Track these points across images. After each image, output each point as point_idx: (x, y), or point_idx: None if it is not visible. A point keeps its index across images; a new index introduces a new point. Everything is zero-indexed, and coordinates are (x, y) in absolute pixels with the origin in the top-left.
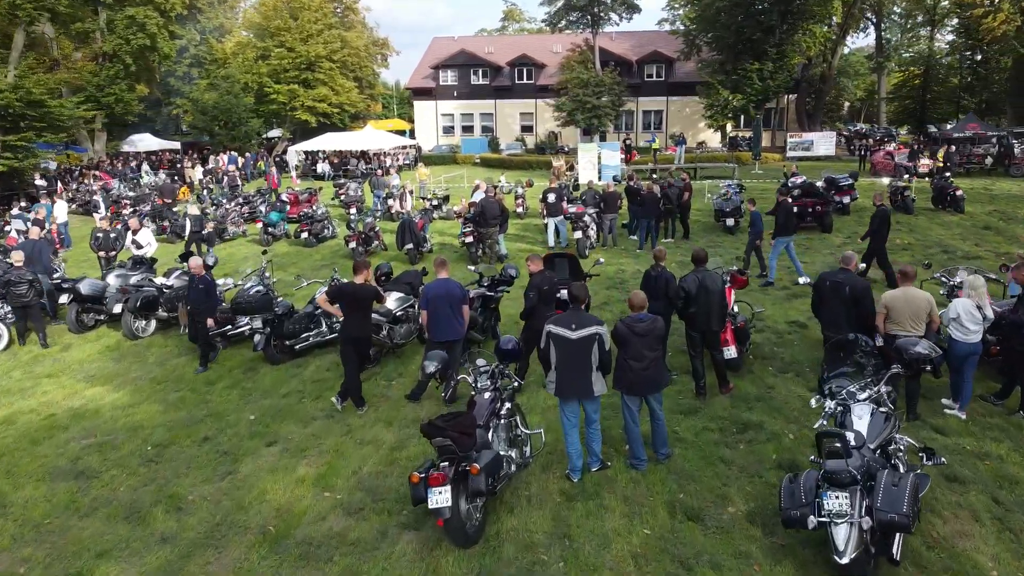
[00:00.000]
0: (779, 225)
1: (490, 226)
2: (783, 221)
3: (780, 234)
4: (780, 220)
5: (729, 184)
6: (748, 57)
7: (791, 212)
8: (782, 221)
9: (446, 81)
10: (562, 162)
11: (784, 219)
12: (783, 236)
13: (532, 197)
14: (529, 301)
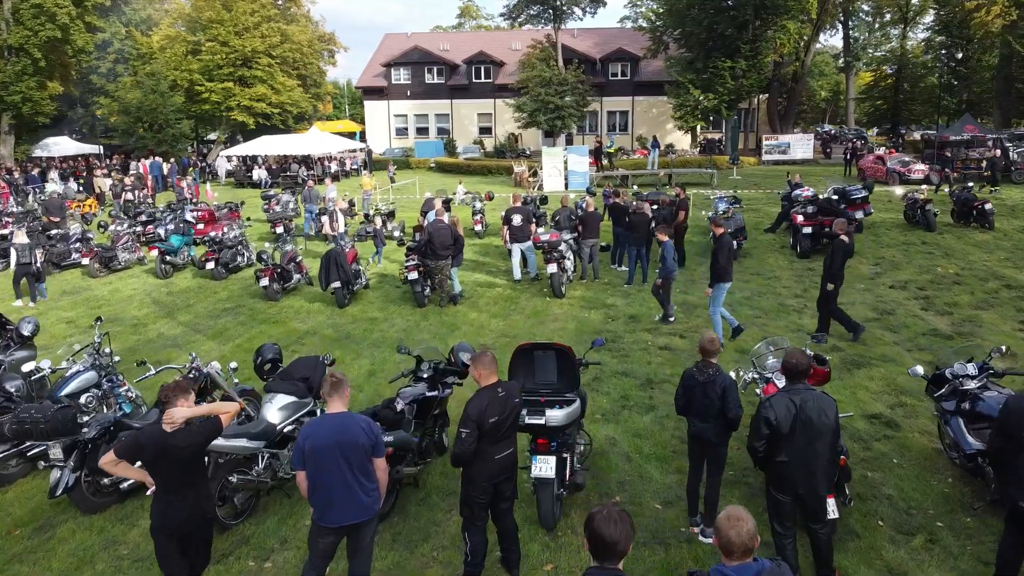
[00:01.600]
0: (718, 267)
1: (440, 257)
2: (724, 262)
3: (720, 278)
4: (721, 261)
5: (722, 198)
6: (720, 54)
7: (732, 249)
8: (723, 262)
9: (399, 80)
10: (524, 168)
11: (726, 260)
12: (723, 281)
13: (493, 211)
14: (463, 444)
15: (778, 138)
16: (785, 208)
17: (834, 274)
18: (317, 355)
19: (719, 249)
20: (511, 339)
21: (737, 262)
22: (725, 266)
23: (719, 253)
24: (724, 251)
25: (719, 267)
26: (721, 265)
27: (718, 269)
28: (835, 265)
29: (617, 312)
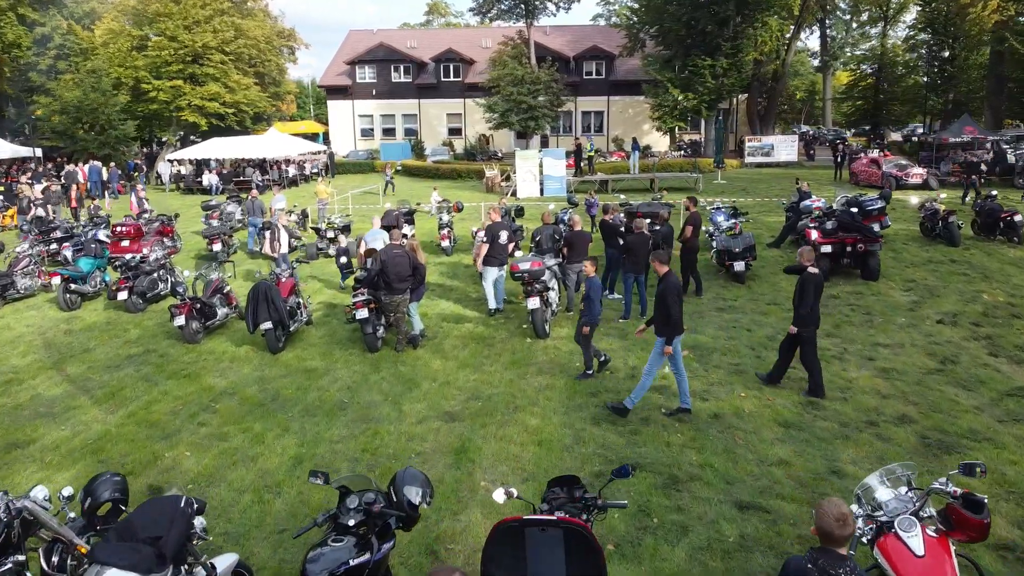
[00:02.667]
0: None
1: (395, 292)
2: (677, 313)
3: (674, 331)
4: (673, 311)
5: (719, 209)
6: (700, 52)
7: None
8: (676, 313)
9: (364, 78)
10: (496, 172)
11: (679, 309)
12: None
13: (463, 221)
14: None
15: (761, 139)
16: (791, 220)
17: (804, 316)
18: (177, 495)
19: (667, 294)
20: (484, 402)
21: (746, 287)
22: (679, 318)
23: (668, 299)
24: (673, 296)
25: (672, 319)
26: (674, 318)
27: (671, 321)
28: (805, 303)
29: (615, 359)
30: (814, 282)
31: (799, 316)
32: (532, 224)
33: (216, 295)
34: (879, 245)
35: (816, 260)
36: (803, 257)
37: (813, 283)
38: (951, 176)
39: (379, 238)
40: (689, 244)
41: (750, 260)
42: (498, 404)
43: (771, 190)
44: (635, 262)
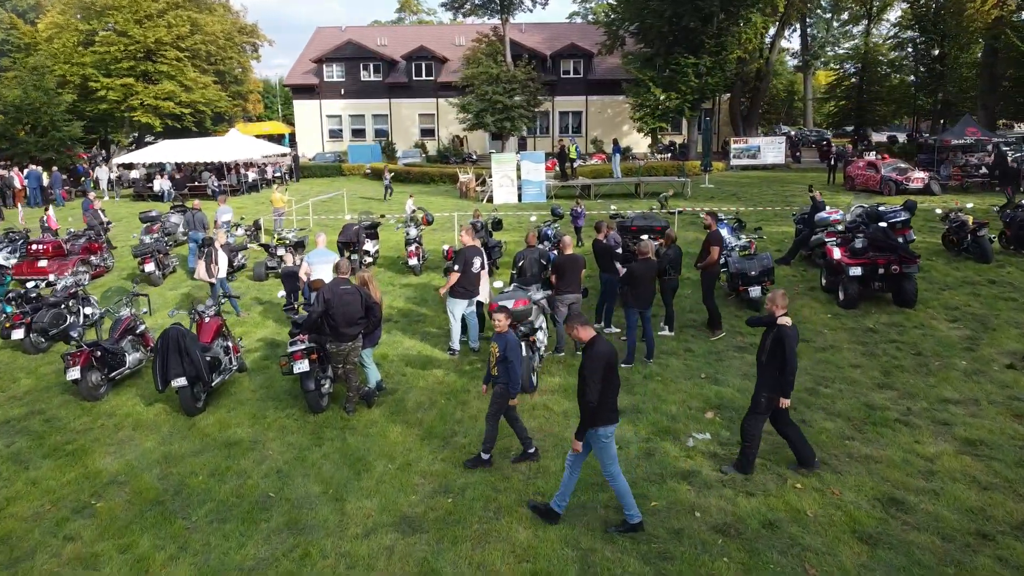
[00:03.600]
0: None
1: (344, 338)
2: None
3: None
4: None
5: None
6: (682, 50)
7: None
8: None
9: (331, 77)
10: (471, 176)
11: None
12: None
13: (433, 232)
14: None
15: (747, 141)
16: (803, 233)
17: (789, 381)
18: None
19: (589, 366)
20: (455, 499)
21: None
22: (608, 401)
23: (588, 377)
24: (596, 374)
25: (598, 405)
26: (603, 405)
27: (595, 408)
28: (790, 367)
29: (622, 422)
30: (794, 338)
31: (783, 382)
32: (510, 237)
33: (126, 337)
34: (916, 266)
35: (843, 285)
36: (775, 304)
37: (794, 340)
38: (952, 180)
39: (325, 261)
40: (711, 270)
41: (767, 284)
42: (474, 503)
43: (763, 195)
44: (640, 294)
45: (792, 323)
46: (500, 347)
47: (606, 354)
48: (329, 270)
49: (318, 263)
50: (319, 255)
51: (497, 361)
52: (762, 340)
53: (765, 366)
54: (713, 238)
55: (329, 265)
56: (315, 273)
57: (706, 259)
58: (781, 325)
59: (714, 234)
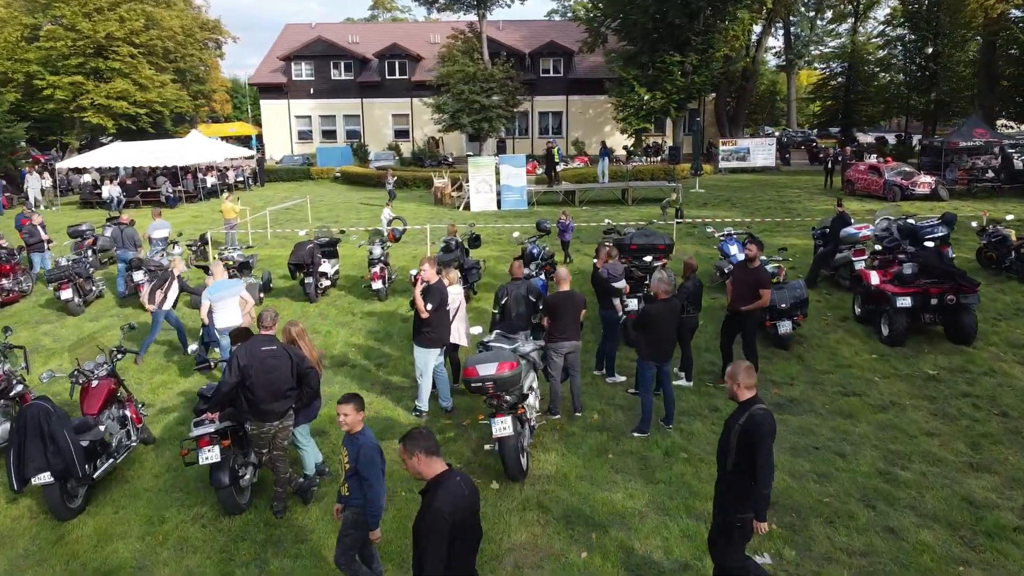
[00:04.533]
0: None
1: (268, 417)
2: None
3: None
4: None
5: (731, 237)
6: (667, 48)
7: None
8: None
9: (300, 75)
10: (446, 180)
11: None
12: None
13: (405, 246)
14: None
15: (736, 142)
16: (824, 250)
17: (764, 496)
18: None
19: (428, 530)
20: None
21: (796, 358)
22: None
23: (426, 548)
24: (437, 546)
25: None
26: None
27: None
28: (763, 479)
29: (643, 529)
30: (771, 432)
31: (757, 498)
32: (490, 252)
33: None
34: (976, 296)
35: (889, 318)
36: (738, 383)
37: (770, 434)
38: (957, 184)
39: (228, 295)
40: (753, 314)
41: (800, 319)
42: None
43: (759, 201)
44: (657, 344)
45: (767, 409)
46: (351, 455)
47: (455, 511)
48: (235, 305)
49: (220, 299)
50: (221, 288)
51: (347, 476)
52: (723, 436)
53: (731, 475)
54: (762, 278)
55: (235, 299)
56: (219, 312)
57: (755, 302)
58: (753, 408)
59: (763, 273)
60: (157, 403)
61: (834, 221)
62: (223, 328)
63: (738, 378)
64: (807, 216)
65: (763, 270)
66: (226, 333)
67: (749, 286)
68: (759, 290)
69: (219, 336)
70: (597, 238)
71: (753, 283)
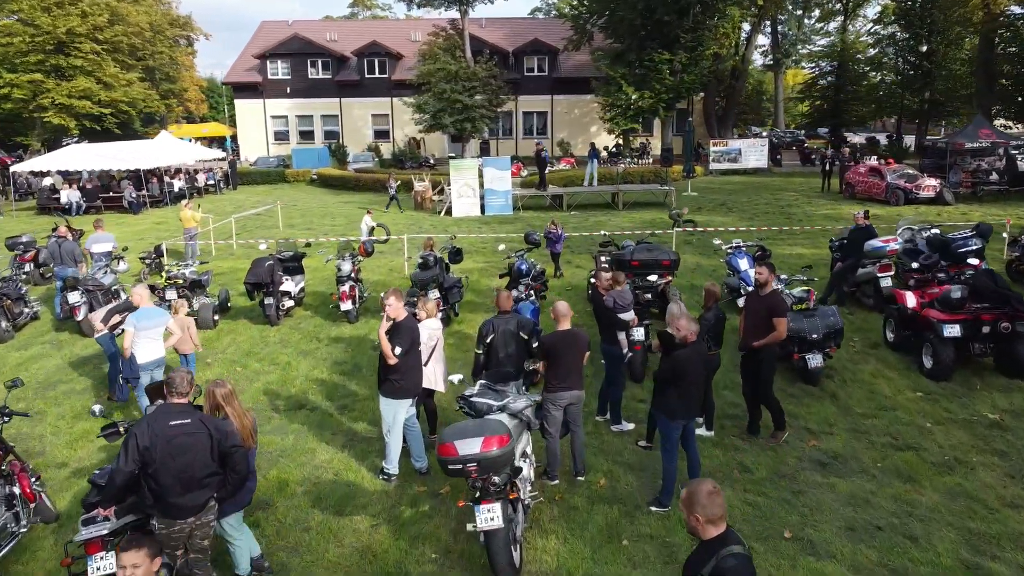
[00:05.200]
0: None
1: (180, 513)
2: None
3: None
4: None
5: (739, 250)
6: (656, 45)
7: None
8: None
9: (276, 74)
10: (427, 183)
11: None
12: None
13: (380, 259)
14: None
15: (727, 143)
16: (844, 265)
17: None
18: None
19: None
20: None
21: (829, 396)
22: None
23: None
24: None
25: None
26: None
27: None
28: None
29: None
30: None
31: None
32: (473, 264)
33: None
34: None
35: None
36: (698, 517)
37: None
38: (961, 187)
39: (153, 325)
40: (768, 351)
41: (833, 351)
42: None
43: (755, 205)
44: (688, 400)
45: (743, 554)
46: None
47: None
48: (159, 335)
49: (145, 330)
50: (146, 318)
51: None
52: None
53: None
54: (777, 306)
55: (159, 329)
56: (140, 345)
57: (769, 335)
58: (723, 563)
59: (778, 300)
60: (73, 460)
61: (855, 232)
62: (144, 364)
63: (697, 507)
64: (809, 223)
65: (777, 297)
66: (147, 369)
67: (761, 316)
68: (773, 319)
69: (140, 373)
70: (588, 247)
71: (766, 312)
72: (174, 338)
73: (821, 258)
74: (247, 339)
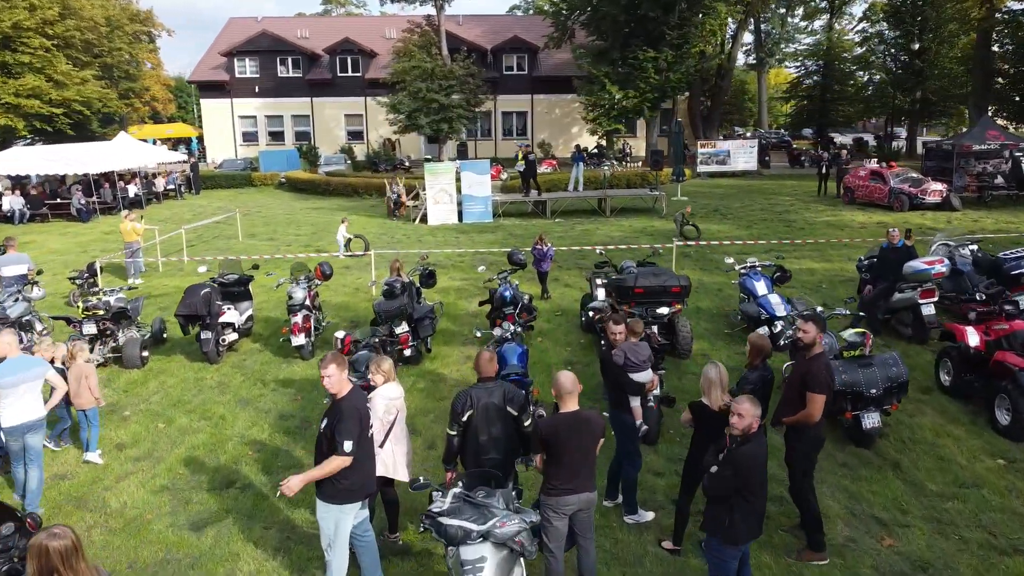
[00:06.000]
0: None
1: None
2: None
3: None
4: None
5: (755, 271)
6: (640, 43)
7: None
8: None
9: (244, 72)
10: (400, 188)
11: None
12: None
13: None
14: None
15: (716, 145)
16: (877, 289)
17: None
18: None
19: None
20: None
21: (890, 465)
22: None
23: None
24: None
25: None
26: None
27: None
28: None
29: None
30: None
31: None
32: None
33: None
34: None
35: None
36: None
37: None
38: (967, 191)
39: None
40: (806, 431)
41: (894, 409)
42: None
43: (750, 211)
44: (751, 513)
45: None
46: None
47: None
48: (35, 392)
49: (11, 385)
50: (9, 372)
51: None
52: None
53: None
54: (814, 378)
55: (34, 383)
56: (8, 405)
57: (799, 412)
58: None
59: (817, 369)
60: None
61: (888, 251)
62: (12, 427)
63: None
64: (812, 231)
65: (818, 363)
66: (16, 434)
67: (794, 387)
68: (808, 393)
69: (6, 440)
70: (577, 261)
71: (802, 382)
72: (58, 394)
73: (835, 274)
74: (179, 382)
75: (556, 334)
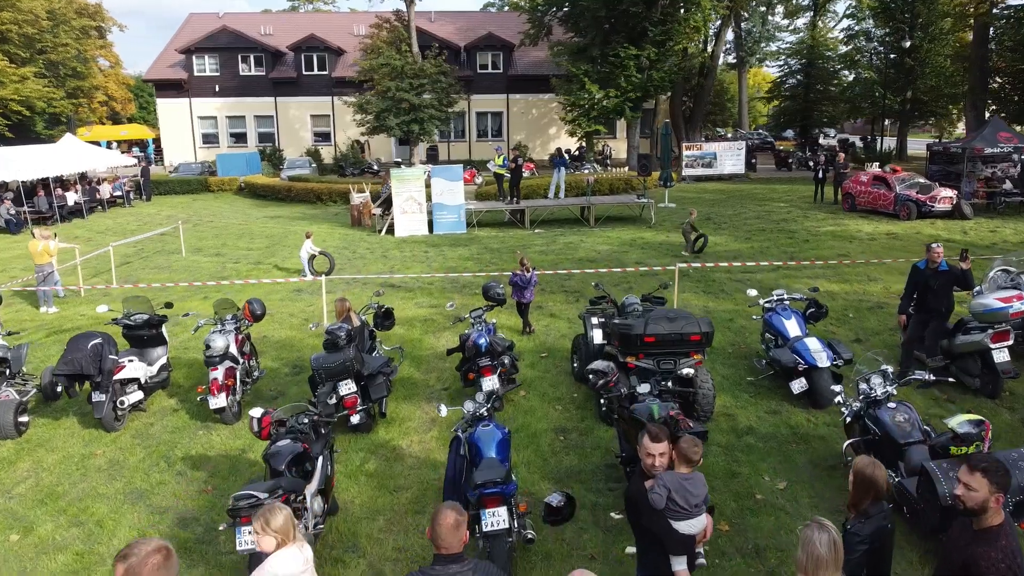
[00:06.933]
0: None
1: None
2: None
3: None
4: None
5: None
6: (622, 40)
7: None
8: None
9: (203, 71)
10: (366, 195)
11: None
12: None
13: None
14: None
15: (702, 147)
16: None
17: None
18: None
19: None
20: None
21: None
22: None
23: None
24: None
25: None
26: None
27: None
28: None
29: None
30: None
31: None
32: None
33: None
34: None
35: None
36: None
37: None
38: (975, 197)
39: None
40: None
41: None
42: None
43: (745, 220)
44: None
45: None
46: None
47: None
48: None
49: None
50: None
51: None
52: None
53: None
54: (992, 568)
55: None
56: None
57: None
58: None
59: (996, 546)
60: None
61: (927, 275)
62: None
63: None
64: (817, 244)
65: (999, 544)
66: None
67: (958, 566)
68: None
69: None
70: (562, 284)
71: (958, 566)
72: None
73: (859, 298)
74: (59, 461)
75: (542, 385)
